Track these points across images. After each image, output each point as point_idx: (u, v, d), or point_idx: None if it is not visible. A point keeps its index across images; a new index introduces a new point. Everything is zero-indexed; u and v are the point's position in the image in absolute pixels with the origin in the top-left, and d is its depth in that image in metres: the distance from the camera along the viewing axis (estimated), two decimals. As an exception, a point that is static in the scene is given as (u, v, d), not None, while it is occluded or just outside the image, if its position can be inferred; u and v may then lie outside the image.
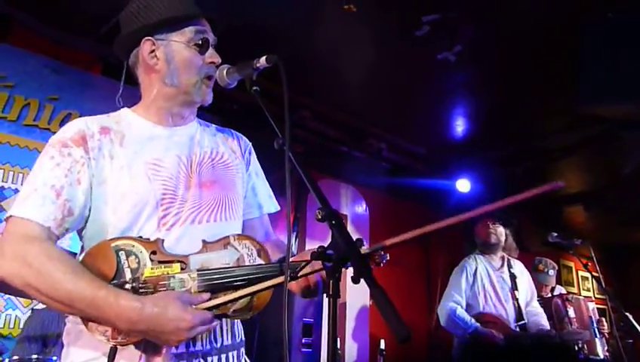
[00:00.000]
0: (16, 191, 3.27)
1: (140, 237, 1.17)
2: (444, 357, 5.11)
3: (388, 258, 1.16)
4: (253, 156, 1.50)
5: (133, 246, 1.14)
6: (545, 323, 3.58)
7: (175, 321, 1.06)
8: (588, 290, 8.60)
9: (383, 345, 4.78)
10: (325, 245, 0.92)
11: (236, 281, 1.15)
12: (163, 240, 1.17)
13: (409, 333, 0.75)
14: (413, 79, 4.25)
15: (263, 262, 1.20)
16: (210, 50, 1.34)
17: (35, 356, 2.37)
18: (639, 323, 2.86)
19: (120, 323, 1.07)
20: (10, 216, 1.14)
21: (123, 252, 1.13)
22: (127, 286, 1.10)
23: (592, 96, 3.38)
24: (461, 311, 3.43)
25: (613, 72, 3.22)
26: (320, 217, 0.90)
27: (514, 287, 3.58)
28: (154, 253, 1.14)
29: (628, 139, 4.47)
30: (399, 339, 0.74)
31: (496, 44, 3.75)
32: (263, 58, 1.18)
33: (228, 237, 1.22)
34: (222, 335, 1.25)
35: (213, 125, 1.48)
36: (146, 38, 1.30)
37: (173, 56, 1.30)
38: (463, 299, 3.51)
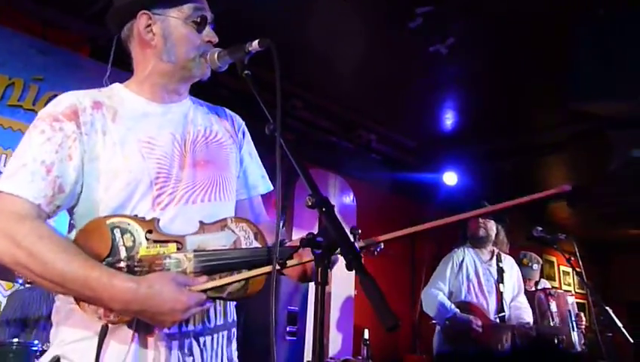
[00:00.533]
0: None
1: (136, 215, 1.15)
2: (427, 347, 5.17)
3: (382, 247, 1.16)
4: (247, 136, 1.48)
5: (129, 224, 1.12)
6: (527, 318, 3.65)
7: (170, 302, 1.05)
8: (569, 285, 8.75)
9: (367, 335, 4.81)
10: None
11: (232, 263, 1.14)
12: (159, 220, 1.16)
13: (397, 322, 0.75)
14: (405, 71, 4.25)
15: (259, 245, 1.20)
16: (208, 29, 1.31)
17: (15, 339, 2.34)
18: (619, 317, 2.91)
19: (114, 304, 1.05)
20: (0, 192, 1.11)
21: (118, 229, 1.11)
22: (122, 264, 1.09)
23: (582, 93, 3.41)
24: (442, 297, 3.52)
25: (604, 69, 3.25)
26: (310, 204, 0.89)
27: (499, 280, 3.65)
28: (150, 231, 1.13)
29: (613, 136, 4.52)
30: (387, 328, 0.74)
31: (488, 38, 3.75)
32: (256, 42, 1.16)
33: (225, 219, 1.21)
34: (215, 316, 1.24)
35: (206, 104, 1.46)
36: (143, 11, 1.27)
37: (171, 32, 1.27)
38: (446, 286, 3.60)
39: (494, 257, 3.75)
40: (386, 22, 3.64)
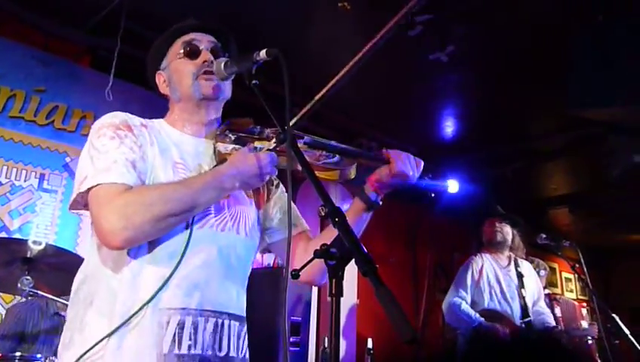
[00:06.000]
0: (0, 183, 3.19)
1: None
2: (429, 357, 5.13)
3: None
4: (279, 185, 1.58)
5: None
6: (551, 322, 3.67)
7: (253, 158, 1.23)
8: (571, 291, 8.72)
9: (370, 344, 4.78)
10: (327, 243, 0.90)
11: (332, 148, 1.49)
12: None
13: (415, 334, 0.74)
14: (405, 79, 4.25)
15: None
16: (203, 52, 1.37)
17: (18, 353, 2.32)
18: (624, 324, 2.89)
19: (218, 176, 1.22)
20: (97, 185, 1.16)
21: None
22: None
23: (581, 99, 3.41)
24: (466, 306, 3.47)
25: (602, 75, 3.26)
26: (323, 214, 0.89)
27: (521, 285, 3.63)
28: None
29: (614, 142, 4.53)
30: (405, 340, 0.73)
31: (487, 45, 3.76)
32: (263, 51, 1.18)
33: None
34: (228, 345, 1.26)
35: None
36: (157, 72, 1.44)
37: (172, 75, 1.40)
38: (467, 294, 3.55)
39: (512, 262, 3.73)
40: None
